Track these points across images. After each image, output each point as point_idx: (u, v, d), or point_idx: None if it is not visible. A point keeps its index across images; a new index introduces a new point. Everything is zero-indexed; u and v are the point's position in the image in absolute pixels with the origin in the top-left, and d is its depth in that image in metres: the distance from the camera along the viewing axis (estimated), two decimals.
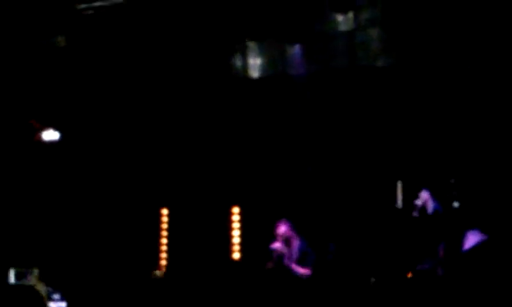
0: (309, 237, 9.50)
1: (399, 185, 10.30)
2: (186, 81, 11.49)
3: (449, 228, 8.90)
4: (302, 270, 9.10)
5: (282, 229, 9.34)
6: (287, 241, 9.28)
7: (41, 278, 10.13)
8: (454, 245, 8.57)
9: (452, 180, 9.79)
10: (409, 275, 9.11)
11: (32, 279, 10.06)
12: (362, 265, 10.20)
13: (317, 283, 9.20)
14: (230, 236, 11.52)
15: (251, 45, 11.27)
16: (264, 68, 11.32)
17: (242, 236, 11.53)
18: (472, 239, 8.13)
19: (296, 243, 9.32)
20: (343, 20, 10.79)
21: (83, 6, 11.00)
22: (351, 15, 10.74)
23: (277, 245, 9.22)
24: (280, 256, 9.13)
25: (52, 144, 11.80)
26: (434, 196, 9.34)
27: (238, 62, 11.40)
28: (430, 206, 9.35)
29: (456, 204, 9.46)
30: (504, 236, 8.58)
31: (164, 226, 11.99)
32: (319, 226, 10.53)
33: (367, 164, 10.83)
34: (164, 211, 12.01)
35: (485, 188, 9.94)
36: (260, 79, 11.33)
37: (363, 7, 10.66)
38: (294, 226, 9.40)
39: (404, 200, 10.14)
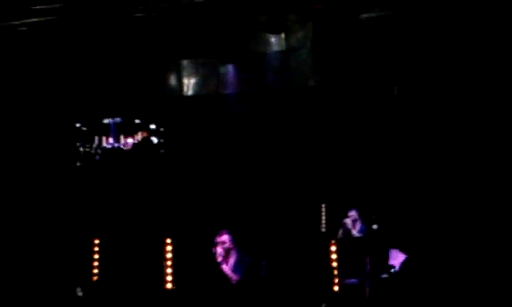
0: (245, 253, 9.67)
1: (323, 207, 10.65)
2: (122, 98, 11.57)
3: (373, 245, 9.21)
4: (231, 275, 9.26)
5: (223, 237, 9.46)
6: (226, 252, 9.42)
7: None
8: (379, 260, 8.89)
9: (373, 203, 10.13)
10: (337, 289, 9.34)
11: None
12: (292, 281, 10.39)
13: (250, 298, 9.34)
14: (163, 267, 11.43)
15: (185, 63, 11.47)
16: (198, 86, 11.52)
17: (174, 266, 11.42)
18: (397, 257, 8.43)
19: (234, 255, 9.49)
20: (275, 41, 11.07)
21: None
22: (283, 35, 11.02)
23: (219, 250, 9.37)
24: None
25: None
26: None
27: (173, 81, 11.57)
28: (357, 226, 9.69)
29: (375, 226, 9.79)
30: (421, 255, 8.90)
31: (96, 256, 11.79)
32: (252, 245, 10.68)
33: (296, 182, 11.09)
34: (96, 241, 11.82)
35: (403, 211, 10.26)
36: (194, 97, 11.50)
37: (294, 29, 10.93)
38: (234, 241, 9.56)
39: (327, 221, 10.43)
